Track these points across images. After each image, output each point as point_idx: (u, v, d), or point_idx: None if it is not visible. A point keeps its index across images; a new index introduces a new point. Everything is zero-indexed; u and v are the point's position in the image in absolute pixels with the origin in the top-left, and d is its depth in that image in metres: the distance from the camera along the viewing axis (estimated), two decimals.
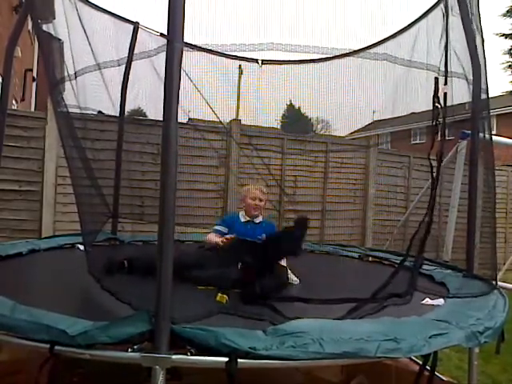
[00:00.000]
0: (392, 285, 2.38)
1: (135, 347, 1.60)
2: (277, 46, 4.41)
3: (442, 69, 2.61)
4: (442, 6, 2.91)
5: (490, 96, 3.01)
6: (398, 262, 3.66)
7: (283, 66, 4.75)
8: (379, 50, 4.10)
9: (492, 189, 3.07)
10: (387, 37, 3.98)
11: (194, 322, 1.78)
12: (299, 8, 3.80)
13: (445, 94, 2.44)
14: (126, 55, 4.45)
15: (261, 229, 3.36)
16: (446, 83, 2.52)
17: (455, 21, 2.80)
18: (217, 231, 3.33)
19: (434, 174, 2.46)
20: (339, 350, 1.62)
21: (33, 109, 11.35)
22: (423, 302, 2.46)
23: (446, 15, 2.65)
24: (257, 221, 3.43)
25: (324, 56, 4.47)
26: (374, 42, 4.13)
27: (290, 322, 1.77)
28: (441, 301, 2.45)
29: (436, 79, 2.51)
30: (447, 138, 3.09)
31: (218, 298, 2.30)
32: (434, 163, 2.44)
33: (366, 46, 4.22)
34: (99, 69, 4.02)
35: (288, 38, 4.24)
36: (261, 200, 3.44)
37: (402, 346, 1.67)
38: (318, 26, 3.85)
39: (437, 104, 2.46)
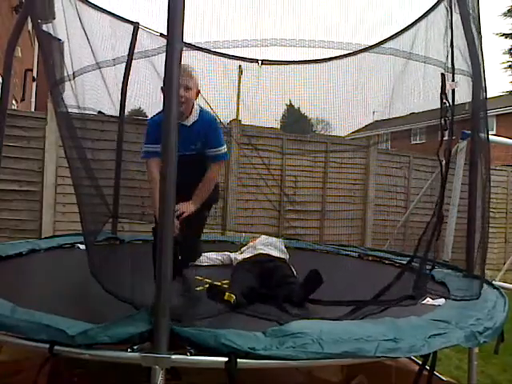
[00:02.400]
0: (401, 286, 2.36)
1: (135, 347, 1.60)
2: (280, 41, 4.38)
3: (449, 65, 2.58)
4: (445, 2, 2.90)
5: (489, 96, 3.01)
6: (402, 262, 3.68)
7: (283, 66, 4.75)
8: (380, 49, 4.09)
9: (487, 188, 3.05)
10: (390, 36, 3.97)
11: (201, 320, 1.80)
12: (302, 4, 3.78)
13: (453, 90, 2.40)
14: (126, 55, 4.46)
15: (197, 131, 2.56)
16: (453, 79, 2.49)
17: (458, 18, 2.79)
18: (153, 154, 2.42)
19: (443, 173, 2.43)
20: (339, 350, 1.63)
21: (33, 109, 11.34)
22: (424, 301, 2.46)
23: (450, 11, 2.62)
24: (189, 123, 2.56)
25: (323, 57, 4.46)
26: (377, 41, 4.12)
27: (290, 323, 1.77)
28: (441, 300, 2.44)
29: (443, 75, 2.47)
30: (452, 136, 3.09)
31: (225, 297, 2.29)
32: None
33: (367, 45, 4.21)
34: (99, 69, 4.02)
35: (290, 34, 4.22)
36: (187, 88, 2.46)
37: (401, 346, 1.68)
38: (321, 24, 3.84)
39: (445, 101, 2.42)
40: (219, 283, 2.98)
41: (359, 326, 1.85)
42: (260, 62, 4.75)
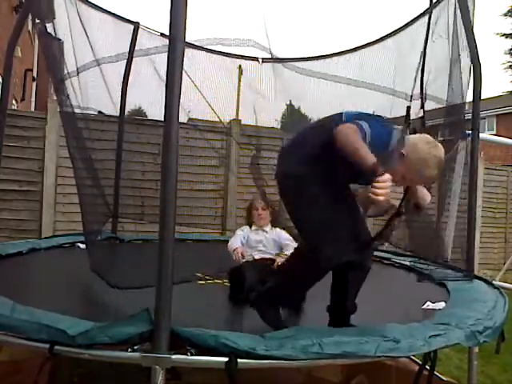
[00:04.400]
0: None
1: (135, 347, 1.60)
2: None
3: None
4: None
5: (490, 96, 3.04)
6: (402, 262, 3.69)
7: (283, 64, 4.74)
8: (381, 48, 4.09)
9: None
10: (386, 34, 3.98)
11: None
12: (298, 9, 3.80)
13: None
14: (127, 55, 4.46)
15: None
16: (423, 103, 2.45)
17: (436, 44, 2.79)
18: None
19: None
20: (339, 350, 1.63)
21: (33, 109, 11.35)
22: (424, 306, 2.45)
23: (426, 38, 2.60)
24: None
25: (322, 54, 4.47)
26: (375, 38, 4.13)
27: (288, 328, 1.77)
28: (442, 304, 2.44)
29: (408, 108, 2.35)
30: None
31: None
32: None
33: (366, 42, 4.21)
34: (100, 69, 4.02)
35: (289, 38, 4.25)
36: None
37: (401, 346, 1.68)
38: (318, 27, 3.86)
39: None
40: (221, 281, 2.98)
41: (359, 329, 1.85)
42: (261, 60, 4.74)
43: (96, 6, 3.89)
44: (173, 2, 1.60)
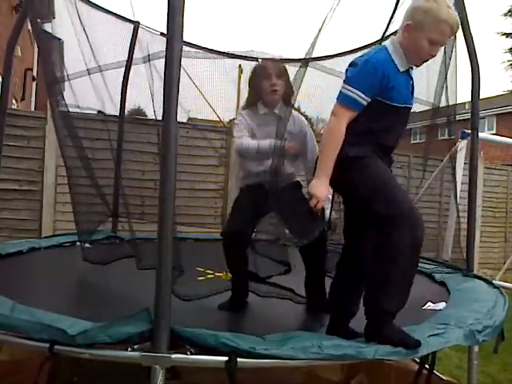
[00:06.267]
0: None
1: (135, 347, 1.60)
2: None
3: None
4: None
5: (490, 95, 3.04)
6: None
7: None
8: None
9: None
10: (386, 36, 3.99)
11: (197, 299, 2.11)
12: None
13: None
14: (127, 55, 4.46)
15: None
16: None
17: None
18: (353, 103, 1.90)
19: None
20: (339, 352, 1.63)
21: (33, 108, 11.35)
22: (425, 307, 2.45)
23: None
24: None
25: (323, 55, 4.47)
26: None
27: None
28: (442, 304, 2.43)
29: None
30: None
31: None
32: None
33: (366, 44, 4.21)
34: (99, 68, 4.02)
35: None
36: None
37: (400, 349, 1.67)
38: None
39: None
40: (221, 274, 2.98)
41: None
42: (260, 60, 4.75)
43: (96, 5, 3.88)
44: (170, 2, 1.60)
